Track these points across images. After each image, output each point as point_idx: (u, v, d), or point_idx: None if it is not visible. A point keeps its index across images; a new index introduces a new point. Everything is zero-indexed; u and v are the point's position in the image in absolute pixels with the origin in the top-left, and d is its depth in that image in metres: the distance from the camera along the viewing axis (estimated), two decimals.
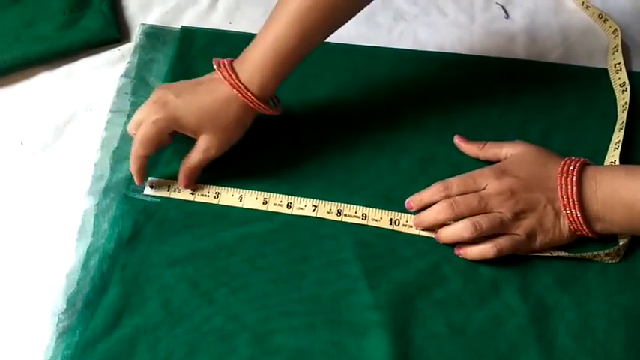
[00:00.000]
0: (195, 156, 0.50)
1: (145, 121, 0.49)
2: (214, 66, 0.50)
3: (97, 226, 0.50)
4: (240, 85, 0.49)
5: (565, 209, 0.47)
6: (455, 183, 0.49)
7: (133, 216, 0.51)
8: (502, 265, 0.48)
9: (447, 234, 0.48)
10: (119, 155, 0.54)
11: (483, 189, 0.48)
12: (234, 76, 0.49)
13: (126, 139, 0.55)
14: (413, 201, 0.51)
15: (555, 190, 0.47)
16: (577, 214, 0.46)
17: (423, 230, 0.50)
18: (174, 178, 0.52)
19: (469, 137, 0.55)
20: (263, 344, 0.45)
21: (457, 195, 0.49)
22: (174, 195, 0.52)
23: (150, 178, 0.53)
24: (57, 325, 0.46)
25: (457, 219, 0.48)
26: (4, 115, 0.58)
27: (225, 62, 0.50)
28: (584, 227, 0.47)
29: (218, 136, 0.50)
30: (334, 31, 0.51)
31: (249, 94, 0.49)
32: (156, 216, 0.51)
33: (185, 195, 0.52)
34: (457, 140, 0.54)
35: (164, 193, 0.52)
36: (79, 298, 0.47)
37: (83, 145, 0.56)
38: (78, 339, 0.45)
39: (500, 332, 0.46)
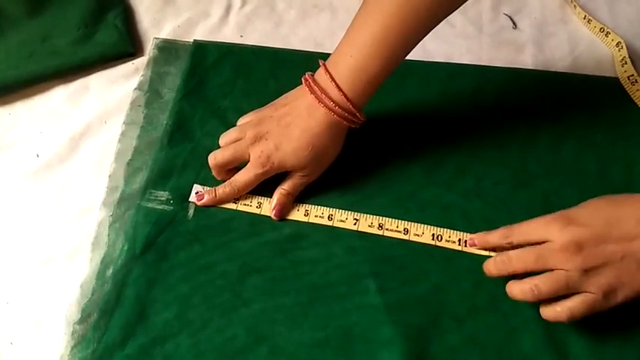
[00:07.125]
0: (294, 182, 0.52)
1: (247, 172, 0.51)
2: (305, 87, 0.49)
3: (111, 236, 0.51)
4: (341, 92, 0.48)
5: None
6: (514, 235, 0.45)
7: (147, 227, 0.51)
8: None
9: (514, 291, 0.44)
10: (133, 167, 0.55)
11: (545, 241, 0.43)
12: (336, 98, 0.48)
13: (139, 151, 0.56)
14: (477, 240, 0.48)
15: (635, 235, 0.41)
16: None
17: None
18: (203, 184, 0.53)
19: (475, 146, 0.55)
20: (277, 356, 0.45)
21: (518, 244, 0.45)
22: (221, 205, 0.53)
23: (196, 185, 0.53)
24: (72, 334, 0.46)
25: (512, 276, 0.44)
26: (20, 128, 0.59)
27: (310, 80, 0.49)
28: None
29: (317, 168, 0.52)
30: (428, 32, 0.50)
31: (349, 105, 0.48)
32: (169, 227, 0.51)
33: (229, 204, 0.53)
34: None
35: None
36: (93, 308, 0.47)
37: (98, 157, 0.57)
38: (94, 349, 0.46)
39: (513, 341, 0.46)
